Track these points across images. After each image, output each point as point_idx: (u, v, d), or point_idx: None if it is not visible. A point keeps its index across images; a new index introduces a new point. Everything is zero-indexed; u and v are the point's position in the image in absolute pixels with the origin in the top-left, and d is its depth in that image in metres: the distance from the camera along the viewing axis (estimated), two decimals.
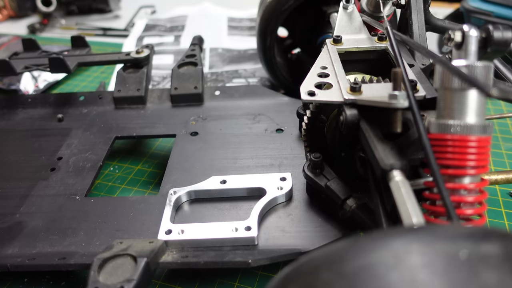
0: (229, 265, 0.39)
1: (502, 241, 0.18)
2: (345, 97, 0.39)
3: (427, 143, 0.31)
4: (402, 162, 0.33)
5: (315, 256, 0.19)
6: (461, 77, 0.27)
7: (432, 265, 0.16)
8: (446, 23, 0.49)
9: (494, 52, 0.31)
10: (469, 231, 0.18)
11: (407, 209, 0.30)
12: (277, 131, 0.59)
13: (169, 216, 0.44)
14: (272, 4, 0.64)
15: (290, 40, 0.80)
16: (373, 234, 0.19)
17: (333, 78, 0.42)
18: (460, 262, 0.16)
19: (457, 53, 0.32)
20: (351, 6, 0.52)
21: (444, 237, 0.18)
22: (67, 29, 1.18)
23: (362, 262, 0.17)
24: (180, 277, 0.44)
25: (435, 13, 0.52)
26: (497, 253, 0.17)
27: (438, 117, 0.33)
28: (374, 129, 0.37)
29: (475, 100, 0.31)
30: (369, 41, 0.48)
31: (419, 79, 0.40)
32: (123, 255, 0.37)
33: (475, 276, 0.16)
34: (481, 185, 0.31)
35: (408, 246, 0.17)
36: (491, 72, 0.31)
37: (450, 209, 0.28)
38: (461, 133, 0.31)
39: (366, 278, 0.17)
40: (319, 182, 0.44)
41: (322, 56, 0.46)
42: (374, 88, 0.40)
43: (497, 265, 0.16)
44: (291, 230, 0.44)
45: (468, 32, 0.31)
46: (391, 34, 0.39)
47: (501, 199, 0.54)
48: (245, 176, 0.49)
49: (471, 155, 0.30)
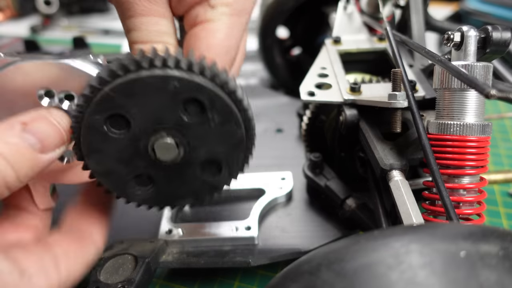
0: (229, 264, 0.39)
1: (501, 241, 0.18)
2: (345, 97, 0.39)
3: (426, 143, 0.31)
4: (402, 162, 0.34)
5: (316, 256, 0.20)
6: (460, 77, 0.28)
7: (431, 264, 0.17)
8: (445, 24, 0.50)
9: (493, 52, 0.31)
10: (468, 230, 0.18)
11: (406, 209, 0.30)
12: (277, 131, 0.59)
13: (169, 216, 0.44)
14: (272, 5, 0.64)
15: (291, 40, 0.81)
16: (373, 234, 0.19)
17: (333, 78, 0.42)
18: (459, 262, 0.17)
19: (456, 53, 0.32)
20: (351, 7, 0.52)
21: (443, 237, 0.18)
22: (68, 30, 1.18)
23: (362, 262, 0.17)
24: (180, 276, 0.44)
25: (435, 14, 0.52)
26: (496, 253, 0.17)
27: (438, 117, 0.33)
28: (373, 129, 0.37)
29: (474, 100, 0.31)
30: (368, 41, 0.48)
31: (419, 79, 0.41)
32: (123, 255, 0.37)
33: (474, 275, 0.16)
34: (480, 185, 0.32)
35: (408, 246, 0.17)
36: (490, 73, 0.31)
37: (449, 209, 0.28)
38: (460, 133, 0.31)
39: (366, 278, 0.17)
40: (319, 182, 0.44)
41: (321, 56, 0.46)
42: (374, 88, 0.40)
43: (496, 265, 0.16)
44: (291, 229, 0.44)
45: (467, 32, 0.31)
46: (390, 35, 0.39)
47: (500, 199, 0.54)
48: (245, 176, 0.49)
49: (470, 155, 0.31)
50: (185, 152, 0.27)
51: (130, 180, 0.28)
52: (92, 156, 0.27)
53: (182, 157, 0.27)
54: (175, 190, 0.29)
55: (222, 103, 0.26)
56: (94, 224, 0.30)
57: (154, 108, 0.25)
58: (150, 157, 0.27)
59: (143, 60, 0.25)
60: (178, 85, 0.25)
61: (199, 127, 0.27)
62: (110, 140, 0.26)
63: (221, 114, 0.26)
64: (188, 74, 0.25)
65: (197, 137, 0.27)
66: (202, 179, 0.29)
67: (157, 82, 0.25)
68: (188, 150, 0.27)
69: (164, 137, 0.26)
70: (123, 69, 0.25)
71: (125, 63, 0.25)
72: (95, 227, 0.30)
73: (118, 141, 0.26)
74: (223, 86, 0.26)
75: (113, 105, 0.25)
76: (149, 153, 0.27)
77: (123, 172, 0.28)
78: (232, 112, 0.27)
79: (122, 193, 0.29)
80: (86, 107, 0.25)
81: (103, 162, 0.27)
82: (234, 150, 0.28)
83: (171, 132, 0.26)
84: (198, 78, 0.25)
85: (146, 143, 0.27)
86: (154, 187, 0.29)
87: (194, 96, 0.25)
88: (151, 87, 0.25)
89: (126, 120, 0.26)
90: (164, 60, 0.25)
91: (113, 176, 0.28)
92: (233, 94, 0.26)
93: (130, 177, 0.28)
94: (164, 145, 0.26)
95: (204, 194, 0.30)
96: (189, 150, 0.27)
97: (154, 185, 0.29)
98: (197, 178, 0.29)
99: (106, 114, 0.25)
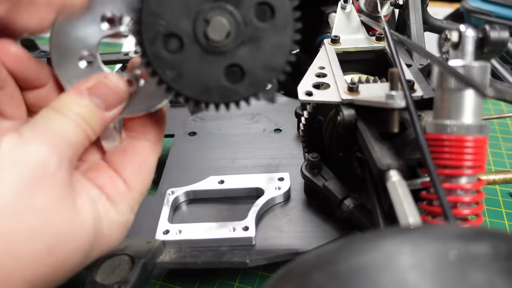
0: (226, 265, 0.39)
1: (492, 241, 0.18)
2: (343, 97, 0.39)
3: (424, 143, 0.31)
4: (399, 162, 0.33)
5: (308, 258, 0.20)
6: (457, 77, 0.27)
7: (421, 265, 0.17)
8: (444, 23, 0.49)
9: (491, 52, 0.31)
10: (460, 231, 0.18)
11: (404, 209, 0.30)
12: (275, 131, 0.59)
13: (167, 216, 0.44)
14: None
15: None
16: (365, 235, 0.19)
17: (331, 78, 0.42)
18: (450, 263, 0.17)
19: (454, 53, 0.32)
20: (349, 6, 0.52)
21: (434, 238, 0.18)
22: None
23: (354, 263, 0.17)
24: (180, 277, 0.44)
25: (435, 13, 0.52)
26: (486, 253, 0.17)
27: (435, 117, 0.33)
28: (371, 129, 0.37)
29: (472, 100, 0.31)
30: (367, 41, 0.48)
31: (417, 79, 0.40)
32: (120, 255, 0.37)
33: (464, 276, 0.16)
34: (478, 185, 0.31)
35: (399, 247, 0.17)
36: (487, 72, 0.31)
37: (446, 209, 0.28)
38: (457, 133, 0.31)
39: (357, 279, 0.17)
40: (317, 182, 0.44)
41: (320, 56, 0.46)
42: (372, 88, 0.40)
43: (486, 265, 0.16)
44: (288, 230, 0.44)
45: (464, 32, 0.31)
46: (388, 34, 0.39)
47: (501, 199, 0.54)
48: (243, 176, 0.49)
49: (467, 155, 0.30)
50: (234, 18, 0.26)
51: (222, 78, 0.27)
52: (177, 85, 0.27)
53: (235, 24, 0.26)
54: (259, 56, 0.27)
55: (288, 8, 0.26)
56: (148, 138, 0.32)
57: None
58: (217, 48, 0.26)
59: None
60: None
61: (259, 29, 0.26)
62: (178, 62, 0.26)
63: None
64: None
65: (249, 33, 0.26)
66: (222, 82, 0.27)
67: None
68: (235, 15, 0.26)
69: (221, 17, 0.25)
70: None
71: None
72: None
73: (184, 57, 0.26)
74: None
75: (155, 29, 0.25)
76: (212, 46, 0.26)
77: (211, 76, 0.27)
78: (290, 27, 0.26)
79: (226, 94, 0.27)
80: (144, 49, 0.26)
81: (191, 85, 0.27)
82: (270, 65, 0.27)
83: (228, 14, 0.25)
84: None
85: (202, 39, 0.26)
86: (245, 71, 0.27)
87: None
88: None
89: (174, 36, 0.26)
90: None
91: (209, 89, 0.27)
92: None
93: (219, 75, 0.27)
94: (212, 26, 0.25)
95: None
96: (236, 13, 0.26)
97: (243, 69, 0.27)
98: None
99: (159, 41, 0.25)
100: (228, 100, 0.28)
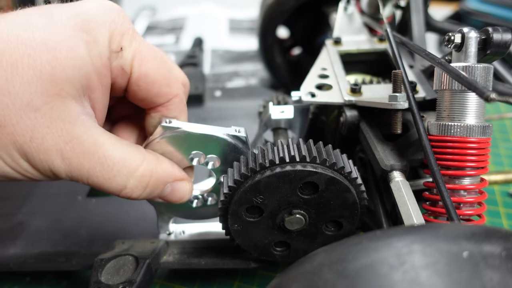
0: (229, 265, 0.39)
1: (504, 241, 0.18)
2: (345, 98, 0.39)
3: (427, 144, 0.31)
4: (402, 163, 0.34)
5: (317, 256, 0.20)
6: (460, 80, 0.28)
7: (434, 265, 0.17)
8: (445, 25, 0.50)
9: (493, 54, 0.31)
10: (471, 231, 0.18)
11: (407, 210, 0.30)
12: None
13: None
14: (272, 5, 0.64)
15: (291, 40, 0.81)
16: (375, 234, 0.19)
17: (333, 79, 0.42)
18: (462, 262, 0.17)
19: (456, 55, 0.32)
20: (351, 8, 0.52)
21: (446, 237, 0.18)
22: None
23: (364, 262, 0.17)
24: (180, 276, 0.44)
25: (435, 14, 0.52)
26: (499, 253, 0.17)
27: (438, 119, 0.33)
28: (374, 130, 0.37)
29: (475, 101, 0.31)
30: (369, 42, 0.49)
31: (419, 80, 0.41)
32: (124, 255, 0.37)
33: (477, 276, 0.16)
34: (481, 186, 0.32)
35: (411, 246, 0.17)
36: (490, 74, 0.31)
37: (450, 210, 0.28)
38: (461, 135, 0.31)
39: (368, 278, 0.17)
40: None
41: (322, 57, 0.46)
42: (374, 89, 0.40)
43: (499, 265, 0.16)
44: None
45: (467, 34, 0.31)
46: (390, 36, 0.39)
47: (500, 199, 0.54)
48: None
49: (471, 156, 0.31)
50: (310, 219, 0.33)
51: (270, 246, 0.35)
52: (235, 234, 0.34)
53: (308, 223, 0.33)
54: (307, 246, 0.35)
55: (335, 181, 0.31)
56: None
57: (280, 195, 0.32)
58: (283, 229, 0.34)
59: (264, 161, 0.31)
60: (293, 175, 0.31)
61: (318, 200, 0.32)
62: (248, 223, 0.33)
63: (336, 189, 0.32)
64: (301, 165, 0.31)
65: (317, 207, 0.33)
66: (327, 235, 0.35)
67: (280, 177, 0.31)
68: (312, 217, 0.33)
69: (290, 214, 0.33)
70: (251, 171, 0.31)
71: (252, 166, 0.31)
72: None
73: (255, 223, 0.34)
74: (335, 168, 0.31)
75: (248, 200, 0.32)
76: (281, 227, 0.34)
77: (264, 242, 0.35)
78: (346, 188, 0.32)
79: (265, 255, 0.36)
80: (228, 202, 0.33)
81: (245, 238, 0.35)
82: (350, 210, 0.33)
83: (295, 207, 0.33)
84: (309, 166, 0.31)
85: (278, 220, 0.33)
86: (290, 248, 0.36)
87: (308, 180, 0.31)
88: (274, 181, 0.31)
89: (259, 208, 0.33)
90: (282, 159, 0.31)
91: (256, 247, 0.35)
92: (348, 174, 0.32)
93: (270, 244, 0.35)
94: (290, 219, 0.33)
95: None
96: (313, 217, 0.33)
97: (289, 246, 0.35)
98: (323, 235, 0.35)
99: (244, 207, 0.33)
100: (262, 257, 0.36)
